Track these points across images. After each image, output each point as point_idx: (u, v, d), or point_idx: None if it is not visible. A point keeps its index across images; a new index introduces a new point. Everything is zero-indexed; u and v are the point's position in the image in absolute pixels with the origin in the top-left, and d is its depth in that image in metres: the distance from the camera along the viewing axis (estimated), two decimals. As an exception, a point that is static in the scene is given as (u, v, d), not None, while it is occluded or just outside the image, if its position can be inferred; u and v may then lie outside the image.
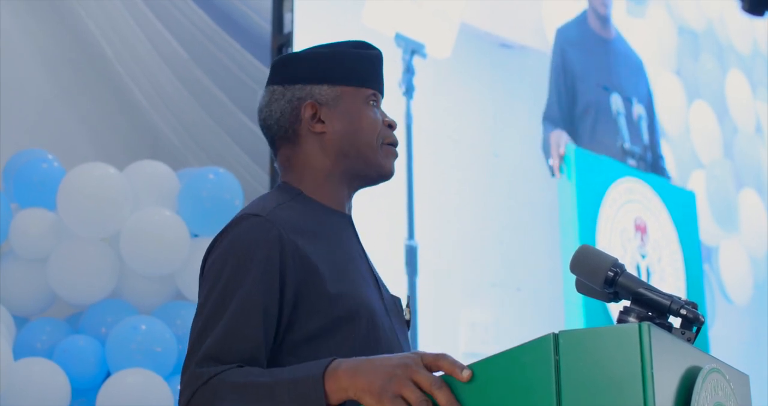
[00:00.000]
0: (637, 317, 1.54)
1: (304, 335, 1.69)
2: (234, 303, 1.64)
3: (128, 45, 4.45)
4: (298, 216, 1.79)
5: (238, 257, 1.68)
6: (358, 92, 1.90)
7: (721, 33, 6.48)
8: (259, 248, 1.68)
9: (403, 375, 1.43)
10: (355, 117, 1.88)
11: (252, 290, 1.65)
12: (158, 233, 3.55)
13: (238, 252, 1.69)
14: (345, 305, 1.69)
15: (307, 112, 1.88)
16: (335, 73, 1.89)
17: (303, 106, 1.88)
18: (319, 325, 1.70)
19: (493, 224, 4.50)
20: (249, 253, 1.68)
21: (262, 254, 1.68)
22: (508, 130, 4.70)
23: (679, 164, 5.75)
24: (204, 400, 1.55)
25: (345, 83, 1.89)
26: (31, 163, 3.68)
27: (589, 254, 1.61)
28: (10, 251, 3.60)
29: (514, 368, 1.39)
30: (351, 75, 1.90)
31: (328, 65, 1.90)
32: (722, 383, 1.52)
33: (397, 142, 1.92)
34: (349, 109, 1.88)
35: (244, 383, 1.53)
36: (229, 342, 1.61)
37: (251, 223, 1.72)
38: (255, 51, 4.64)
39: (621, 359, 1.33)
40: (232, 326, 1.62)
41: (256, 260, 1.67)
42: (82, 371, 3.43)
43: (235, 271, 1.67)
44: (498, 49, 4.77)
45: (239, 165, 4.48)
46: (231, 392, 1.53)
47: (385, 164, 1.89)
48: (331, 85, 1.89)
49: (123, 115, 4.43)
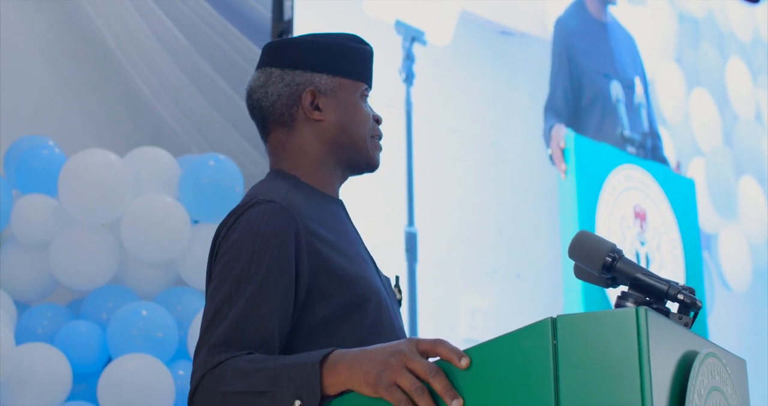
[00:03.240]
0: (634, 302, 1.54)
1: (319, 320, 1.71)
2: (249, 289, 1.64)
3: (129, 32, 4.45)
4: (305, 202, 1.80)
5: (255, 243, 1.68)
6: (354, 85, 1.93)
7: (721, 21, 6.47)
8: (275, 235, 1.68)
9: (397, 364, 1.43)
10: (350, 109, 1.91)
11: (267, 277, 1.65)
12: (159, 219, 3.56)
13: (254, 237, 1.68)
14: (357, 288, 1.71)
15: (306, 99, 1.89)
16: (336, 64, 1.91)
17: (304, 92, 1.89)
18: (333, 309, 1.71)
19: (493, 210, 4.50)
20: (265, 239, 1.68)
21: (278, 241, 1.68)
22: (508, 117, 4.70)
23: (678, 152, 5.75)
24: (210, 385, 1.56)
25: (344, 75, 1.91)
26: (32, 149, 3.69)
27: (588, 240, 1.62)
28: (12, 237, 3.61)
29: (512, 353, 1.40)
30: (350, 68, 1.92)
31: (329, 55, 1.91)
32: (719, 367, 1.53)
33: (383, 136, 1.97)
34: (346, 101, 1.91)
35: (247, 369, 1.54)
36: (242, 329, 1.61)
37: (267, 209, 1.72)
38: (255, 38, 4.64)
39: (618, 343, 1.34)
40: (245, 313, 1.62)
41: (272, 246, 1.67)
42: (83, 357, 3.44)
43: (251, 257, 1.67)
44: (498, 36, 4.77)
45: (240, 151, 4.48)
46: (234, 377, 1.54)
47: (374, 156, 1.94)
48: (330, 75, 1.90)
49: (124, 101, 4.43)
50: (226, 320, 1.61)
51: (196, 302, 3.65)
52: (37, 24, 4.27)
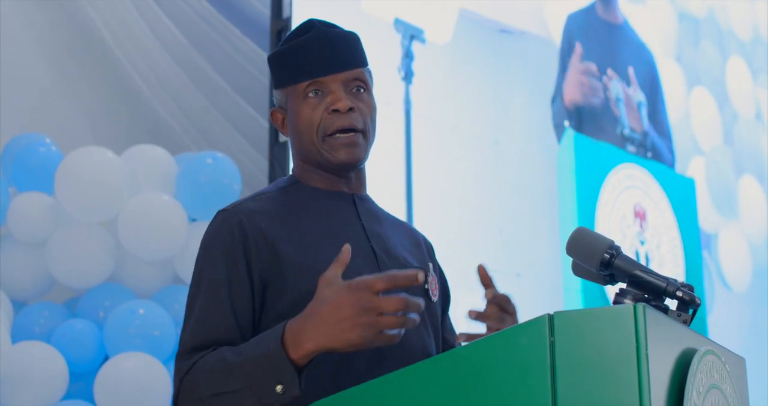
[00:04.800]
0: (633, 299, 1.53)
1: (276, 314, 1.73)
2: (201, 295, 1.73)
3: (127, 30, 4.44)
4: (275, 203, 1.83)
5: (203, 253, 1.79)
6: (294, 90, 1.86)
7: (721, 19, 6.47)
8: (218, 239, 1.77)
9: (371, 317, 1.50)
10: (295, 118, 1.86)
11: (214, 280, 1.73)
12: (156, 218, 3.55)
13: (202, 249, 1.79)
14: (312, 280, 1.65)
15: (276, 119, 1.93)
16: (279, 76, 1.89)
17: (272, 114, 1.94)
18: (287, 302, 1.73)
19: (493, 210, 4.49)
20: (211, 245, 1.78)
21: (220, 244, 1.76)
22: (507, 116, 4.69)
23: (679, 151, 5.74)
24: (188, 392, 1.64)
25: (285, 84, 1.88)
26: (29, 147, 3.68)
27: (586, 236, 1.61)
28: (8, 235, 3.60)
29: (510, 349, 1.39)
30: (286, 75, 1.87)
31: (274, 70, 1.91)
32: (718, 365, 1.52)
33: (348, 126, 1.82)
34: (292, 109, 1.87)
35: (216, 370, 1.60)
36: (201, 332, 1.70)
37: (217, 219, 1.81)
38: (254, 36, 4.63)
39: (616, 340, 1.33)
40: (201, 316, 1.72)
41: (216, 250, 1.76)
42: (80, 355, 3.44)
43: (201, 266, 1.77)
44: (498, 34, 4.75)
45: (237, 150, 4.47)
46: (207, 381, 1.61)
47: (333, 157, 1.83)
48: (279, 89, 1.90)
49: (121, 99, 4.42)
50: (188, 328, 1.73)
51: (194, 300, 3.64)
52: (35, 22, 4.26)
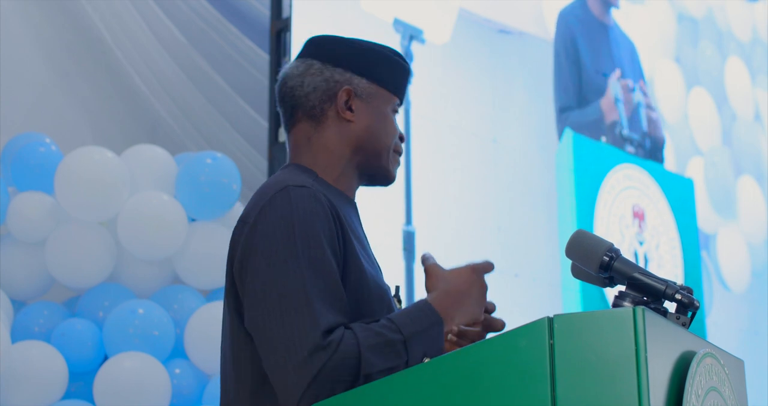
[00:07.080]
0: (632, 302, 1.54)
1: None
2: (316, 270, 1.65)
3: (127, 29, 4.44)
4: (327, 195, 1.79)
5: (303, 226, 1.68)
6: (389, 97, 1.93)
7: (720, 20, 6.47)
8: (319, 218, 1.69)
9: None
10: (381, 118, 1.91)
11: (316, 257, 1.65)
12: (156, 217, 3.55)
13: (300, 220, 1.68)
14: (370, 287, 1.71)
15: (342, 97, 1.88)
16: (376, 72, 1.92)
17: (340, 90, 1.89)
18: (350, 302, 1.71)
19: (492, 209, 4.50)
20: (312, 221, 1.68)
21: (322, 224, 1.69)
22: (506, 115, 4.69)
23: (677, 151, 5.75)
24: (347, 366, 1.58)
25: (382, 84, 1.92)
26: (28, 146, 3.68)
27: (585, 239, 1.61)
28: (8, 234, 3.61)
29: (509, 352, 1.39)
30: (389, 79, 1.93)
31: (372, 62, 1.92)
32: (717, 367, 1.52)
33: (401, 152, 1.98)
34: (378, 109, 1.91)
35: (379, 344, 1.61)
36: (330, 309, 1.63)
37: (302, 193, 1.71)
38: (253, 36, 4.63)
39: (615, 342, 1.33)
40: (321, 297, 1.63)
41: (310, 225, 1.68)
42: (79, 355, 3.44)
43: (306, 240, 1.67)
44: (497, 35, 4.76)
45: (237, 150, 4.47)
46: (375, 355, 1.60)
47: (392, 170, 1.94)
48: (369, 81, 1.91)
49: (121, 99, 4.42)
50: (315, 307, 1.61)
51: (193, 300, 3.65)
52: (34, 21, 4.26)
